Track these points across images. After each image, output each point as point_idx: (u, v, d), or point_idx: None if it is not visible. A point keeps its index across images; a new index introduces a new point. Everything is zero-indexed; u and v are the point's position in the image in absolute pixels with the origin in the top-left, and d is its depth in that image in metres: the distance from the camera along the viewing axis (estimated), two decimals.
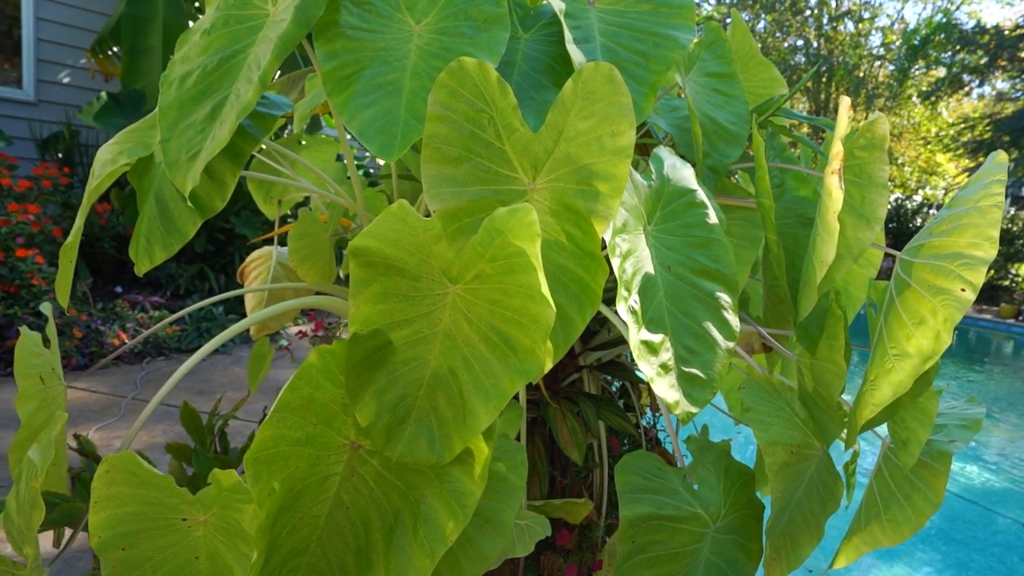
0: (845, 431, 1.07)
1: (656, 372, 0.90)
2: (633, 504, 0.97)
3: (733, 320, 0.99)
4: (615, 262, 0.90)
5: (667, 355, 0.92)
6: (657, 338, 0.92)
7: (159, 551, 0.87)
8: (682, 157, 1.44)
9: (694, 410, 0.91)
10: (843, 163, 1.01)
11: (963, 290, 0.84)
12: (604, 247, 0.93)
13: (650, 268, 0.96)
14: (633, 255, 0.94)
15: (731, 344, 0.97)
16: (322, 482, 0.85)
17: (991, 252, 0.85)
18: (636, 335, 0.90)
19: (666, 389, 0.90)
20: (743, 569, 1.00)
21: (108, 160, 1.13)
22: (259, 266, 1.81)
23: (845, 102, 0.99)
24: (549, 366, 0.91)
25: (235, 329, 1.18)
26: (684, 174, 1.06)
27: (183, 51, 1.12)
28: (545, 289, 0.76)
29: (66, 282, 1.20)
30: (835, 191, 0.93)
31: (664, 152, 1.07)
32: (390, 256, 0.82)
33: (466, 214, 0.90)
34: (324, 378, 0.85)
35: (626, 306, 0.90)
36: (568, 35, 1.06)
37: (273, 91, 1.66)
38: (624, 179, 0.87)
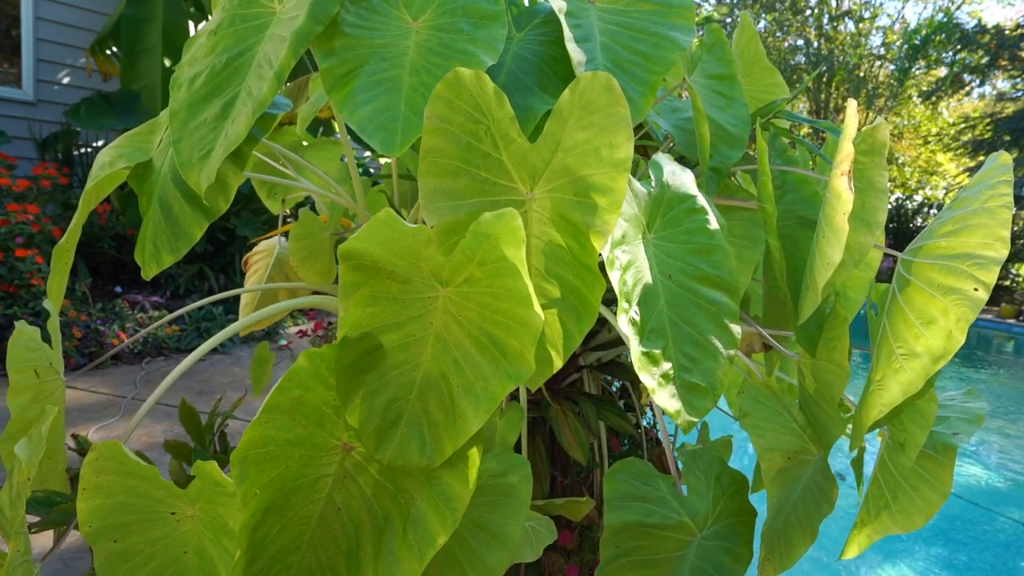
0: (846, 431, 1.06)
1: (657, 383, 0.89)
2: (618, 511, 0.97)
3: (734, 327, 0.97)
4: (614, 275, 0.89)
5: (668, 365, 0.91)
6: (658, 348, 0.91)
7: (149, 544, 0.87)
8: (681, 158, 1.43)
9: (695, 419, 0.90)
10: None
11: (976, 289, 0.83)
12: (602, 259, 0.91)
13: (650, 278, 0.95)
14: (633, 266, 0.93)
15: (732, 351, 0.95)
16: (314, 483, 0.85)
17: (1003, 252, 0.84)
18: (637, 347, 0.89)
19: (667, 399, 0.89)
20: (730, 573, 1.00)
21: (106, 163, 1.13)
22: (261, 260, 1.82)
23: (852, 105, 0.98)
24: (546, 376, 0.90)
25: (231, 330, 1.18)
26: (684, 179, 1.04)
27: (190, 53, 1.12)
28: (532, 294, 0.76)
29: (60, 285, 1.18)
30: (844, 192, 0.92)
31: (664, 159, 1.05)
32: (380, 259, 0.81)
33: (464, 227, 0.88)
34: (314, 380, 0.84)
35: (627, 318, 0.88)
36: (568, 34, 1.05)
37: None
38: (622, 193, 0.86)
